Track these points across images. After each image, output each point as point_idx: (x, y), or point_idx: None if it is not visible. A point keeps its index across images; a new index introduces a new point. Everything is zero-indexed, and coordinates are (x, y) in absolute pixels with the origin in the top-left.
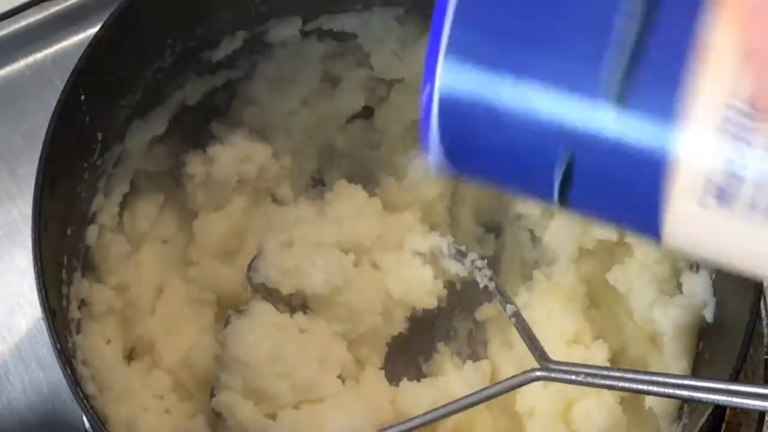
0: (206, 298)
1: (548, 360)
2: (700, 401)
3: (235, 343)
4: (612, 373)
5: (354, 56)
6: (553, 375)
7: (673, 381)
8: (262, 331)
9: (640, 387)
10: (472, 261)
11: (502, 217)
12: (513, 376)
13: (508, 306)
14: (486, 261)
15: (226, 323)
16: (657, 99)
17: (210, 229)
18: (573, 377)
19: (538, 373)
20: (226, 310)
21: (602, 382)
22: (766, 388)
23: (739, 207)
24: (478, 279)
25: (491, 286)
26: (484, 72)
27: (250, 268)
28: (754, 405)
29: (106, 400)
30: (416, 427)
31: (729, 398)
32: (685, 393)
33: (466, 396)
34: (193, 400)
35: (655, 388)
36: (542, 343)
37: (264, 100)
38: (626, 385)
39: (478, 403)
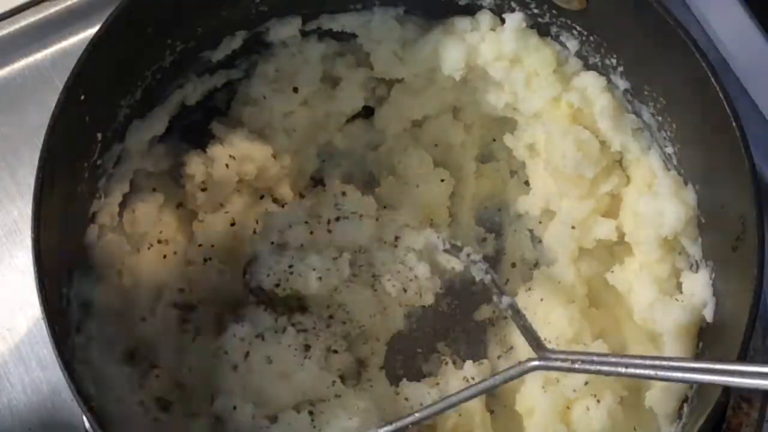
0: (205, 299)
1: (545, 349)
2: (700, 383)
3: (234, 346)
4: (610, 359)
5: (354, 56)
6: (550, 364)
7: (674, 364)
8: (260, 334)
9: (640, 371)
10: (468, 255)
11: (502, 217)
12: (511, 367)
13: (504, 298)
14: (481, 255)
15: (225, 327)
16: None
17: (210, 229)
18: (570, 365)
19: (536, 363)
20: (226, 312)
21: (600, 368)
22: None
23: None
24: (474, 273)
25: (486, 279)
26: None
27: (246, 271)
28: (757, 384)
29: (106, 400)
30: (416, 422)
31: (730, 378)
32: (678, 375)
33: (465, 388)
34: (193, 401)
35: (653, 372)
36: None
37: (264, 100)
38: (624, 370)
39: (477, 394)
